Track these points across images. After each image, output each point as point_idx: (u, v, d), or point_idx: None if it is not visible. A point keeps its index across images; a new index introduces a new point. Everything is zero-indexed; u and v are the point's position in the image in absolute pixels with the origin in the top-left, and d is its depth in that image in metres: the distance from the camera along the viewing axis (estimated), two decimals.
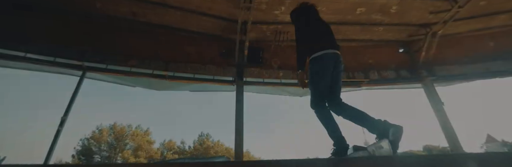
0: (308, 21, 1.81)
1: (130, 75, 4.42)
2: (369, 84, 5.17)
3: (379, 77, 5.08)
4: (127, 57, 4.15)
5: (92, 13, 4.07)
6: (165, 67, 4.32)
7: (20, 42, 3.70)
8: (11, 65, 4.15)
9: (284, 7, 4.02)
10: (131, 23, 4.29)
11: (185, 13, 4.08)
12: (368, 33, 4.96)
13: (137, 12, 4.05)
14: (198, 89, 6.03)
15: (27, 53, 3.80)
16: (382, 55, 5.33)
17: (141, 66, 4.24)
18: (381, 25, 4.67)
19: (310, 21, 1.81)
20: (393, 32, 5.00)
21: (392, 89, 5.82)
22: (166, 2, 3.81)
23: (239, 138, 4.77)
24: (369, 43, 5.31)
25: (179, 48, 4.65)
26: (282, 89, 5.77)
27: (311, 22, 1.80)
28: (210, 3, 3.83)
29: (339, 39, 5.10)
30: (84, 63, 3.99)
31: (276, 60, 5.07)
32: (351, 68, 5.12)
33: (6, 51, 3.74)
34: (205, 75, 4.69)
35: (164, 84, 5.35)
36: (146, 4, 3.86)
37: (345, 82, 5.13)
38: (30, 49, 3.76)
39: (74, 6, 3.93)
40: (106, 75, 4.56)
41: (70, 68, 4.06)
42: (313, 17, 1.84)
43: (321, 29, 1.80)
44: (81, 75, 4.15)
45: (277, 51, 5.04)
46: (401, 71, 5.17)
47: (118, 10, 4.03)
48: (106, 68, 4.23)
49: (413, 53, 5.29)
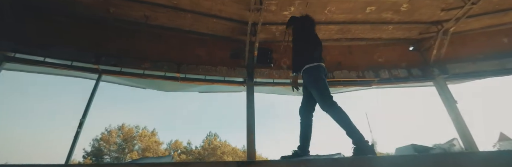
0: (312, 33, 2.11)
1: (144, 78, 4.52)
2: (379, 83, 5.14)
3: (390, 76, 5.04)
4: (140, 60, 4.25)
5: (107, 18, 4.19)
6: (177, 69, 4.41)
7: (40, 47, 3.84)
8: (31, 69, 4.32)
9: (293, 8, 4.04)
10: (144, 27, 4.39)
11: (196, 16, 4.15)
12: (378, 32, 4.93)
13: (149, 16, 4.15)
14: (207, 90, 6.11)
15: (46, 58, 3.95)
16: (393, 54, 5.29)
17: (154, 69, 4.34)
18: (391, 23, 4.64)
19: (313, 34, 2.10)
20: (404, 30, 4.95)
21: (402, 87, 5.77)
22: (178, 6, 3.89)
23: (250, 138, 4.82)
24: (379, 42, 5.28)
25: (190, 50, 4.73)
26: (291, 89, 5.80)
27: (314, 35, 2.09)
28: (221, 5, 3.89)
29: (348, 38, 5.15)
30: (99, 66, 4.11)
31: (285, 60, 5.10)
32: (360, 67, 5.11)
33: (27, 56, 3.89)
34: (215, 77, 4.76)
35: (174, 85, 5.46)
36: (158, 8, 3.94)
37: (355, 81, 5.12)
38: (49, 54, 3.90)
39: (89, 12, 4.05)
40: (120, 77, 4.68)
41: (87, 72, 4.19)
42: (314, 31, 2.16)
43: (319, 43, 2.06)
44: (97, 78, 4.28)
45: (287, 51, 5.06)
46: (412, 69, 5.12)
47: (131, 14, 4.13)
48: (120, 71, 4.35)
49: (424, 51, 5.23)
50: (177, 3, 3.85)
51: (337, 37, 5.02)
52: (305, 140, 1.88)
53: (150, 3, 3.82)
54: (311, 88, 1.84)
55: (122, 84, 5.42)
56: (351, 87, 5.42)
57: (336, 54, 5.28)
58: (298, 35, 2.08)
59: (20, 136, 27.30)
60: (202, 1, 3.78)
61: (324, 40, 5.10)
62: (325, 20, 4.41)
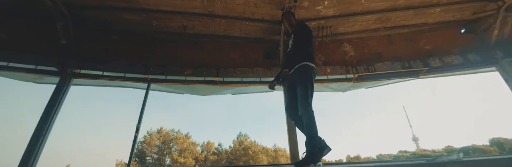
0: (312, 38, 2.17)
1: (186, 83, 4.79)
2: (429, 73, 4.67)
3: (441, 64, 4.55)
4: (183, 67, 4.52)
5: (150, 31, 4.54)
6: (216, 73, 4.58)
7: (98, 62, 4.33)
8: (92, 83, 4.90)
9: (327, 1, 3.90)
10: (181, 36, 4.66)
11: (229, 21, 4.26)
12: (422, 17, 4.50)
13: (187, 25, 4.38)
14: (240, 92, 6.24)
15: (104, 72, 4.44)
16: (441, 39, 4.77)
17: (195, 74, 4.57)
18: (439, 5, 4.18)
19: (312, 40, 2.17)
20: (453, 12, 4.43)
21: (456, 75, 5.16)
22: (213, 13, 4.03)
23: (292, 137, 4.78)
24: (424, 28, 4.80)
25: (225, 54, 4.88)
26: (325, 86, 5.61)
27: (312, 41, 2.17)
28: (253, 8, 3.93)
29: (387, 27, 4.80)
30: (148, 76, 4.48)
31: (320, 56, 4.95)
32: (405, 57, 4.71)
33: (89, 71, 4.42)
34: (252, 78, 4.83)
35: (209, 89, 5.68)
36: (195, 17, 4.15)
37: (400, 73, 4.74)
38: (106, 68, 4.38)
39: (135, 27, 4.44)
40: (165, 85, 5.04)
41: (138, 81, 4.60)
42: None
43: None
44: (146, 87, 4.68)
45: (321, 47, 4.91)
46: (468, 54, 4.55)
47: (171, 25, 4.41)
48: (166, 79, 4.68)
49: (481, 33, 4.61)
50: (212, 11, 4.00)
51: (374, 27, 4.71)
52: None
53: (188, 13, 4.04)
54: (301, 85, 1.78)
55: (163, 91, 5.84)
56: (394, 79, 5.04)
57: (374, 45, 4.96)
58: (301, 31, 2.07)
59: (84, 141, 31.32)
60: (235, 5, 3.87)
61: (360, 31, 4.85)
62: (361, 10, 4.17)
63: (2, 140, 33.19)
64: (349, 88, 5.76)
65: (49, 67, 4.15)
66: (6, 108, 40.27)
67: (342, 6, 4.04)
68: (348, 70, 4.70)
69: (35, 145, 3.63)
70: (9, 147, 32.87)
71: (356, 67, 4.71)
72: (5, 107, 41.06)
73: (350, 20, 4.45)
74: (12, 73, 4.24)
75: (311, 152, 1.55)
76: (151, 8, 3.97)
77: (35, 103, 42.55)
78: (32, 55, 4.01)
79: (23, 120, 37.16)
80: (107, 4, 3.90)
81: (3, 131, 33.83)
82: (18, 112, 41.45)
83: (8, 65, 4.03)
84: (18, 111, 42.31)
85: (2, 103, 41.54)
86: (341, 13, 4.21)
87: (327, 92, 6.30)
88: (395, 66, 4.63)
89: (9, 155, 31.71)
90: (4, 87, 54.39)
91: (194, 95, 6.61)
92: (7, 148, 32.30)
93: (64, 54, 4.14)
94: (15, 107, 42.51)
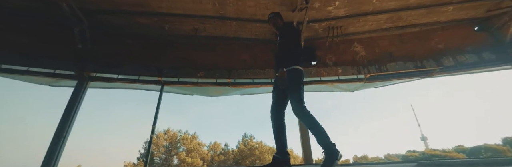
0: (299, 39, 2.16)
1: (198, 85, 4.87)
2: (443, 72, 4.62)
3: (455, 63, 4.50)
4: (195, 70, 4.58)
5: (162, 34, 4.63)
6: (228, 75, 4.63)
7: (114, 66, 4.43)
8: (107, 86, 5.02)
9: (338, 2, 3.90)
10: (193, 38, 4.73)
11: (240, 23, 4.31)
12: (434, 15, 4.45)
13: (198, 28, 4.45)
14: (249, 93, 6.28)
15: (119, 75, 4.54)
16: (454, 38, 4.71)
17: (207, 76, 4.63)
18: (451, 3, 4.13)
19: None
20: (467, 10, 4.37)
21: (470, 73, 5.08)
22: (225, 15, 4.09)
23: (305, 139, 4.80)
24: (436, 26, 4.75)
25: (236, 56, 4.93)
26: (335, 86, 5.60)
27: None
28: (264, 9, 3.96)
29: (399, 26, 4.76)
30: (162, 78, 4.56)
31: (330, 56, 4.95)
32: (417, 56, 4.67)
33: (105, 74, 4.53)
34: (263, 79, 4.87)
35: (218, 90, 5.74)
36: (206, 20, 4.21)
37: (413, 72, 4.70)
38: (121, 71, 4.48)
39: (148, 30, 4.53)
40: (177, 87, 5.12)
41: (152, 84, 4.69)
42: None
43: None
44: (160, 89, 4.76)
45: (331, 47, 4.91)
46: (483, 53, 4.48)
47: (183, 28, 4.49)
48: (178, 81, 4.76)
49: (495, 31, 4.53)
50: (224, 13, 4.05)
51: (386, 26, 4.68)
52: (282, 143, 1.81)
53: (199, 16, 4.10)
54: (292, 89, 1.77)
55: (174, 93, 5.93)
56: (406, 78, 5.00)
57: (385, 44, 4.93)
58: (288, 33, 2.03)
59: (92, 141, 32.03)
60: (247, 7, 3.91)
61: (371, 31, 4.83)
62: (373, 10, 4.15)
63: (15, 141, 34.26)
64: (358, 88, 5.73)
65: (67, 71, 4.27)
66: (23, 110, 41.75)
67: (353, 6, 4.03)
68: (359, 70, 4.68)
69: (56, 146, 3.75)
70: (22, 148, 33.86)
71: (367, 67, 4.69)
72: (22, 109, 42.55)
73: (361, 20, 4.44)
74: (31, 77, 4.40)
75: (327, 149, 1.55)
76: (164, 12, 4.04)
77: (41, 105, 43.88)
78: (51, 59, 4.14)
79: (29, 122, 38.37)
80: (122, 9, 3.99)
81: (12, 132, 34.95)
82: (28, 114, 42.74)
83: (28, 70, 4.17)
84: (29, 113, 43.62)
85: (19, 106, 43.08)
86: (352, 13, 4.21)
87: (336, 92, 6.29)
88: (407, 66, 4.59)
89: (22, 155, 32.68)
90: (19, 90, 56.03)
91: (203, 96, 6.69)
92: (21, 149, 33.29)
93: (81, 58, 4.27)
94: (31, 109, 44.06)
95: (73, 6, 3.70)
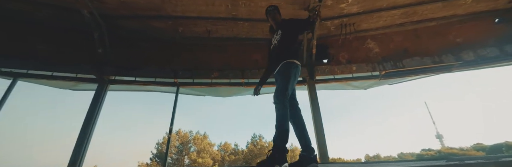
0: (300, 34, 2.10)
1: (212, 86, 4.94)
2: (463, 67, 4.46)
3: (475, 57, 4.34)
4: (209, 71, 4.66)
5: (175, 37, 4.73)
6: (241, 75, 4.68)
7: (131, 69, 4.58)
8: (124, 88, 5.19)
9: None
10: (206, 40, 4.81)
11: (252, 23, 4.35)
12: (451, 9, 4.32)
13: (211, 30, 4.53)
14: (262, 92, 6.29)
15: (136, 77, 4.69)
16: (474, 31, 4.55)
17: (221, 77, 4.70)
18: None
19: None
20: (486, 2, 4.21)
21: (492, 67, 4.88)
22: (237, 16, 4.14)
23: (320, 138, 4.76)
24: (453, 20, 4.60)
25: (248, 56, 4.97)
26: (347, 83, 5.53)
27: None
28: None
29: (414, 21, 4.66)
30: (178, 80, 4.67)
31: (343, 54, 4.90)
32: (434, 51, 4.54)
33: (122, 77, 4.69)
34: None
35: (231, 90, 5.79)
36: (218, 21, 4.27)
37: (430, 68, 4.58)
38: (138, 73, 4.62)
39: (163, 34, 4.66)
40: (192, 88, 5.22)
41: (168, 86, 4.80)
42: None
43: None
44: (176, 90, 4.87)
45: (345, 45, 4.86)
46: (506, 46, 4.30)
47: (195, 30, 4.58)
48: (193, 82, 4.86)
49: None
50: (236, 14, 4.10)
51: (400, 22, 4.59)
52: (306, 139, 1.72)
53: (212, 18, 4.17)
54: (283, 78, 1.75)
55: (187, 94, 6.04)
56: (424, 74, 4.87)
57: (400, 40, 4.82)
58: (291, 27, 1.98)
59: (106, 142, 33.13)
60: (259, 8, 3.94)
61: (385, 27, 4.75)
62: (386, 5, 4.08)
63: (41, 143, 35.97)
64: (372, 85, 5.63)
65: (88, 74, 4.45)
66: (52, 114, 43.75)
67: (367, 3, 3.98)
68: (374, 67, 4.61)
69: (81, 147, 3.92)
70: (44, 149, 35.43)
71: (382, 64, 4.61)
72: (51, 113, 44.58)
73: (374, 16, 4.37)
74: (54, 81, 4.61)
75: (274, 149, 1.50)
76: (178, 15, 4.14)
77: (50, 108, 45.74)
78: (73, 64, 4.33)
79: (35, 124, 40.21)
80: (138, 14, 4.12)
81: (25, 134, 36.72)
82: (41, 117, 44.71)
83: (52, 75, 4.38)
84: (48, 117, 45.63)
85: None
86: (366, 9, 4.15)
87: (348, 90, 6.21)
88: (424, 61, 4.47)
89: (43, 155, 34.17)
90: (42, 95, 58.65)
91: (215, 97, 6.77)
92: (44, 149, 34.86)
93: (100, 62, 4.43)
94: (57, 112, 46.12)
95: (94, 13, 3.86)
